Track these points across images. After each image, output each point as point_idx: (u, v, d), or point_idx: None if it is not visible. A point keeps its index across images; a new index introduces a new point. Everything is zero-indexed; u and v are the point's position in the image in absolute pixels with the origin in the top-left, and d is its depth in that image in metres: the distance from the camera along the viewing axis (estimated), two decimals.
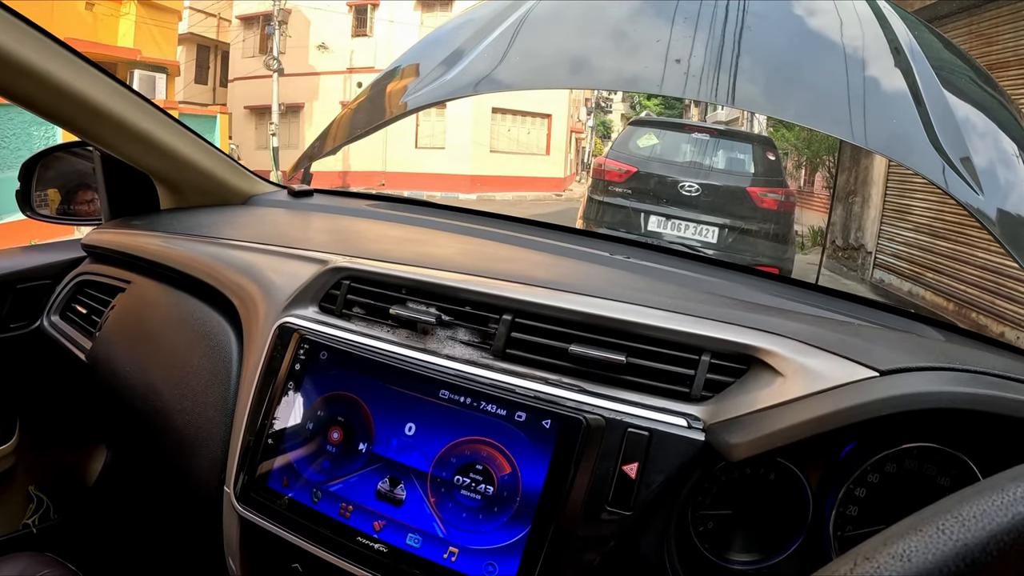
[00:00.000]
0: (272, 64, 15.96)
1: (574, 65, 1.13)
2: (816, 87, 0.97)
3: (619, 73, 1.09)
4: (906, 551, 0.28)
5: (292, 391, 0.70)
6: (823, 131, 1.08)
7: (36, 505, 1.28)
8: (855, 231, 7.28)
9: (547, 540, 0.56)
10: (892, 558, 0.28)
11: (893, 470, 0.58)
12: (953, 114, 0.86)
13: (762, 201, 4.87)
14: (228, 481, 0.72)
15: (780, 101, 1.00)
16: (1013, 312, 4.62)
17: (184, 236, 1.00)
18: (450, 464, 0.61)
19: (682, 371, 0.61)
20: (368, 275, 0.76)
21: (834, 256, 7.75)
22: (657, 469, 0.56)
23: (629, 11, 1.14)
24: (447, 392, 0.63)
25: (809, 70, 0.99)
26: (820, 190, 9.78)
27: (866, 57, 0.96)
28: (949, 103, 0.88)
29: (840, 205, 7.78)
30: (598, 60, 1.10)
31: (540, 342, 0.66)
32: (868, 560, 0.29)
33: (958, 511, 0.29)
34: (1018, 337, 4.50)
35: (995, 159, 0.85)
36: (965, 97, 0.95)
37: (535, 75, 1.20)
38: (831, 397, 0.55)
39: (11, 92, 0.87)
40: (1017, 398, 0.50)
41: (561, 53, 1.13)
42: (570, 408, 0.59)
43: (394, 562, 0.61)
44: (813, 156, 9.59)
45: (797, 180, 10.10)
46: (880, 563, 0.28)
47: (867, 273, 6.87)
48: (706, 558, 0.60)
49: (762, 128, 9.58)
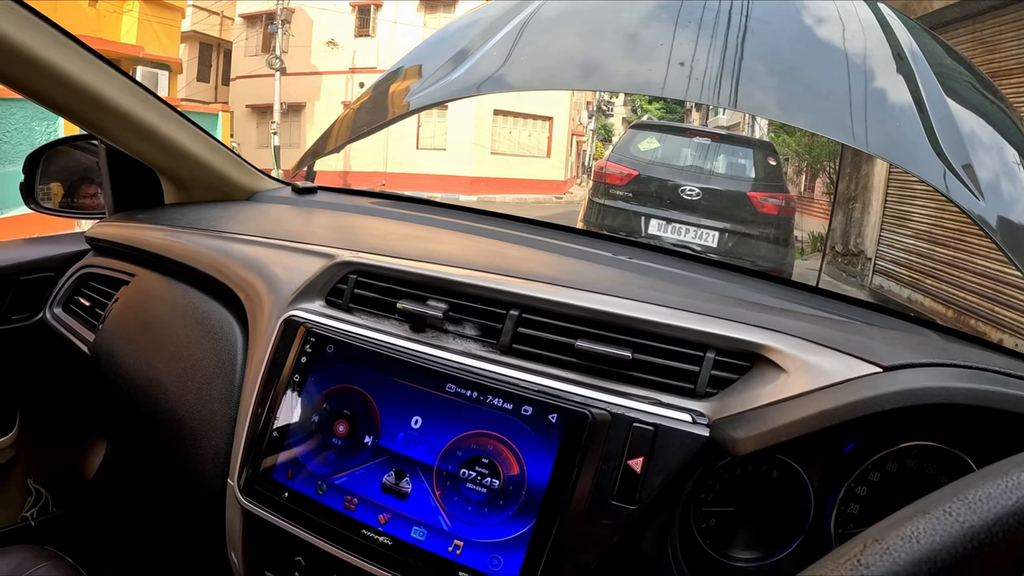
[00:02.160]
0: (274, 63, 15.99)
1: (576, 67, 1.14)
2: (818, 91, 0.97)
3: (621, 75, 1.10)
4: (915, 533, 0.29)
5: (297, 384, 0.70)
6: (825, 135, 1.09)
7: (35, 498, 1.28)
8: (855, 237, 7.29)
9: (552, 534, 0.56)
10: (901, 539, 0.29)
11: (894, 469, 0.58)
12: (954, 120, 0.87)
13: (762, 206, 4.88)
14: (232, 474, 0.72)
15: (782, 104, 1.00)
16: (1012, 320, 4.62)
17: (189, 230, 1.00)
18: (456, 457, 0.61)
19: (687, 367, 0.62)
20: (376, 270, 0.76)
21: (834, 262, 7.76)
22: (662, 464, 0.56)
23: (632, 14, 1.14)
24: (453, 386, 0.63)
25: (811, 74, 1.00)
26: (821, 196, 9.79)
27: (868, 62, 0.97)
28: (951, 109, 0.88)
29: (840, 211, 7.79)
30: (600, 62, 1.11)
31: (547, 337, 0.66)
32: (878, 542, 0.29)
33: (964, 495, 0.30)
34: (1016, 344, 4.50)
35: (996, 166, 0.86)
36: (967, 104, 0.95)
37: (537, 76, 1.21)
38: (835, 392, 0.55)
39: (19, 84, 0.87)
40: (1019, 394, 0.51)
41: (563, 55, 1.13)
42: (576, 403, 0.59)
43: (399, 555, 0.61)
44: (814, 162, 9.60)
45: (798, 186, 10.11)
46: (889, 544, 0.29)
47: (867, 279, 6.87)
48: (708, 555, 0.60)
49: (763, 133, 9.60)
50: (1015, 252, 0.76)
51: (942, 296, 5.53)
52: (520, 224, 1.09)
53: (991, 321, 4.82)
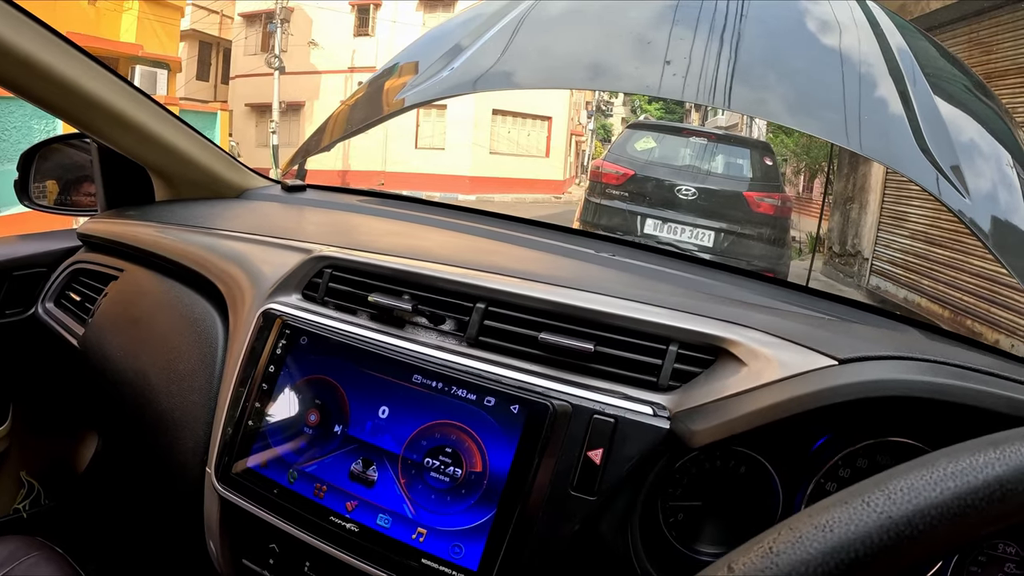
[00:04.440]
0: (274, 62, 15.97)
1: (572, 65, 1.14)
2: (810, 91, 0.98)
3: (617, 75, 1.10)
4: (829, 522, 0.29)
5: (273, 375, 0.71)
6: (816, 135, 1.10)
7: (27, 490, 1.30)
8: (852, 237, 7.29)
9: (512, 523, 0.57)
10: (815, 528, 0.29)
11: (865, 465, 0.58)
12: (943, 122, 0.87)
13: (758, 206, 4.88)
14: (210, 462, 0.73)
15: (775, 104, 1.00)
16: (1008, 320, 4.62)
17: (177, 226, 1.02)
18: (420, 447, 0.62)
19: (650, 361, 0.62)
20: (349, 264, 0.77)
21: (831, 262, 7.76)
22: (622, 456, 0.57)
23: (628, 13, 1.15)
24: (420, 377, 0.64)
25: (803, 74, 1.00)
26: (818, 196, 9.78)
27: (860, 63, 0.97)
28: (940, 111, 0.88)
29: (838, 211, 7.79)
30: (597, 61, 1.11)
31: (512, 330, 0.67)
32: (792, 530, 0.29)
33: (886, 485, 0.30)
34: (1013, 345, 4.50)
35: (986, 167, 0.86)
36: (958, 105, 0.96)
37: (532, 75, 1.21)
38: (789, 385, 0.55)
39: (11, 83, 0.89)
40: (975, 387, 0.50)
41: (559, 53, 1.14)
42: (538, 394, 0.60)
43: (365, 542, 0.62)
44: (812, 163, 9.60)
45: (796, 186, 10.11)
46: (802, 533, 0.29)
47: (863, 280, 6.87)
48: (675, 549, 0.61)
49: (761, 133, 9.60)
50: (1003, 252, 0.77)
51: (939, 297, 5.53)
52: (509, 222, 1.10)
53: (987, 322, 4.82)
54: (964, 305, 5.12)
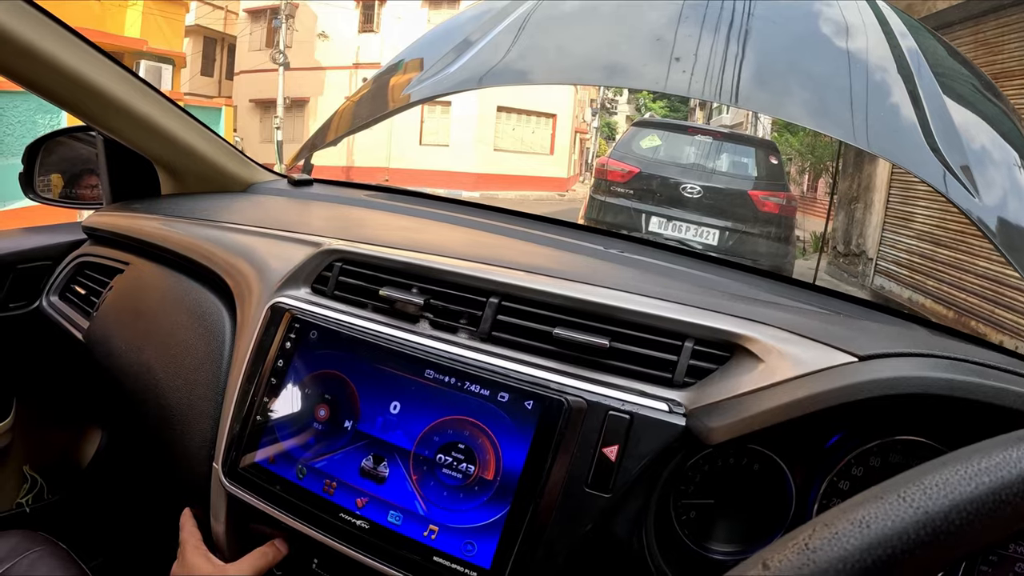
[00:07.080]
0: (278, 58, 15.99)
1: (577, 61, 1.14)
2: (818, 89, 0.97)
3: (628, 70, 1.10)
4: (866, 517, 0.28)
5: (281, 369, 0.70)
6: (824, 132, 1.09)
7: (30, 485, 1.30)
8: (857, 237, 7.27)
9: (525, 521, 0.56)
10: (851, 524, 0.28)
11: (877, 464, 0.57)
12: (953, 121, 0.86)
13: (763, 205, 4.88)
14: (217, 457, 0.72)
15: (782, 102, 1.00)
16: (1013, 321, 4.61)
17: (183, 219, 1.01)
18: (433, 443, 0.62)
19: (666, 357, 0.61)
20: (359, 257, 0.77)
21: (836, 262, 7.74)
22: (637, 453, 0.56)
23: (636, 10, 1.15)
24: (432, 372, 0.64)
25: (812, 72, 1.00)
26: (823, 196, 9.76)
27: (869, 61, 0.96)
28: (949, 110, 0.88)
29: (842, 211, 7.77)
30: (606, 57, 1.11)
31: (526, 325, 0.66)
32: (828, 527, 0.29)
33: (921, 480, 0.29)
34: (1016, 346, 4.49)
35: (995, 167, 0.85)
36: (967, 104, 0.95)
37: (539, 70, 1.21)
38: (808, 382, 0.55)
39: (18, 74, 0.88)
40: (995, 385, 0.49)
41: (567, 49, 1.13)
42: (553, 390, 0.59)
43: (375, 539, 0.61)
44: (817, 162, 9.57)
45: (800, 186, 10.09)
46: (839, 529, 0.28)
47: (868, 279, 6.85)
48: (688, 547, 0.60)
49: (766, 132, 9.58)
50: (1012, 252, 0.76)
51: (943, 298, 5.52)
52: (514, 218, 1.09)
53: (992, 323, 4.81)
54: (968, 306, 5.11)
